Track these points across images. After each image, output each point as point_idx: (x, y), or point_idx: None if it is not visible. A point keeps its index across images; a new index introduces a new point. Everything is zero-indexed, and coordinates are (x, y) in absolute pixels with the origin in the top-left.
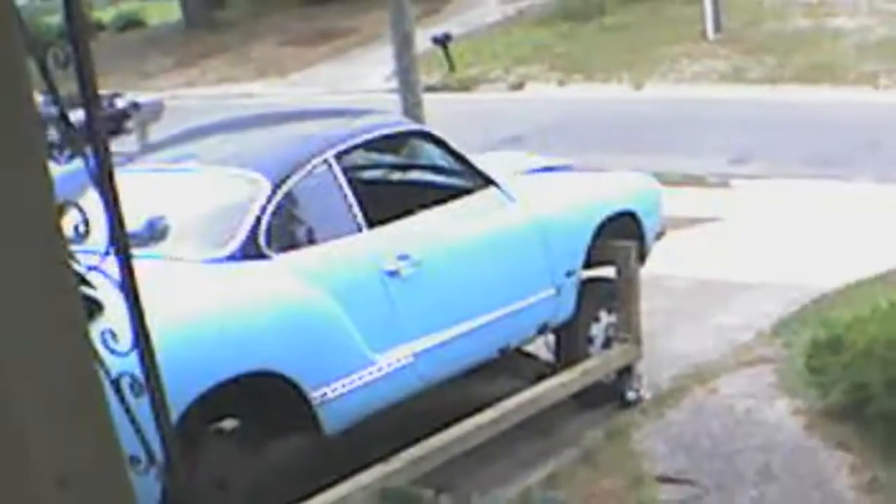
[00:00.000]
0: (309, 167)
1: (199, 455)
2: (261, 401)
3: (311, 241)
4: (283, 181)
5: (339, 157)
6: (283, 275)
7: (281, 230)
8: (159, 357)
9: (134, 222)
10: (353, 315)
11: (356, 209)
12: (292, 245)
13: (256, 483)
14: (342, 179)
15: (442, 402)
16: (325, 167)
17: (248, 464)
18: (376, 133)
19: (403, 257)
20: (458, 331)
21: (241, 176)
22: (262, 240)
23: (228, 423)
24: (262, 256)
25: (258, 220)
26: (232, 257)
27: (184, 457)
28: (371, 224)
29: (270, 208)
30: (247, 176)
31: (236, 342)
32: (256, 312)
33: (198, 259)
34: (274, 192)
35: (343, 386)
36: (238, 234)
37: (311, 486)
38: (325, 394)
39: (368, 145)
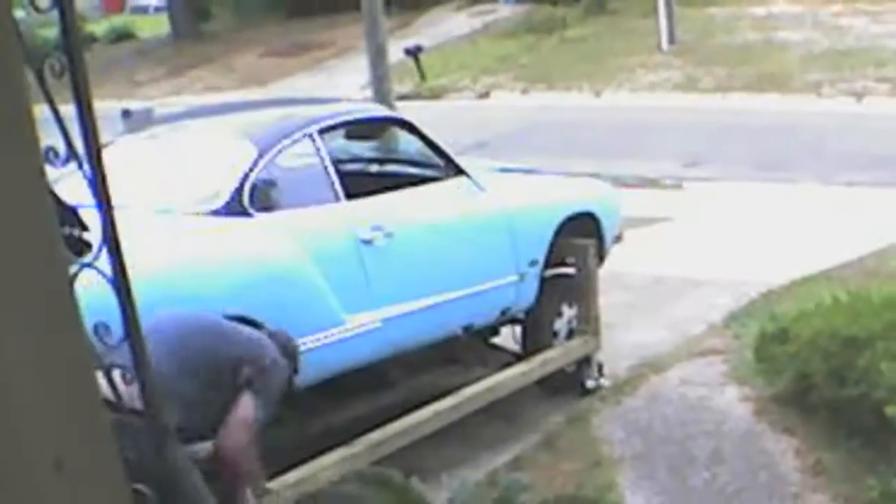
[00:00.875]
0: (294, 138)
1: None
2: None
3: (292, 204)
4: (269, 149)
5: (322, 132)
6: (262, 231)
7: (264, 192)
8: (150, 293)
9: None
10: (326, 275)
11: (335, 181)
12: (274, 206)
13: None
14: (324, 153)
15: (417, 389)
16: (308, 140)
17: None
18: (357, 116)
19: (377, 228)
20: (426, 303)
21: (231, 142)
22: (246, 199)
23: None
24: (245, 214)
25: (243, 181)
26: (218, 212)
27: None
28: (348, 196)
29: (256, 172)
30: (237, 143)
31: (215, 287)
32: (235, 262)
33: (189, 212)
34: (260, 156)
35: (314, 341)
36: (224, 193)
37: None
38: None
39: (349, 125)
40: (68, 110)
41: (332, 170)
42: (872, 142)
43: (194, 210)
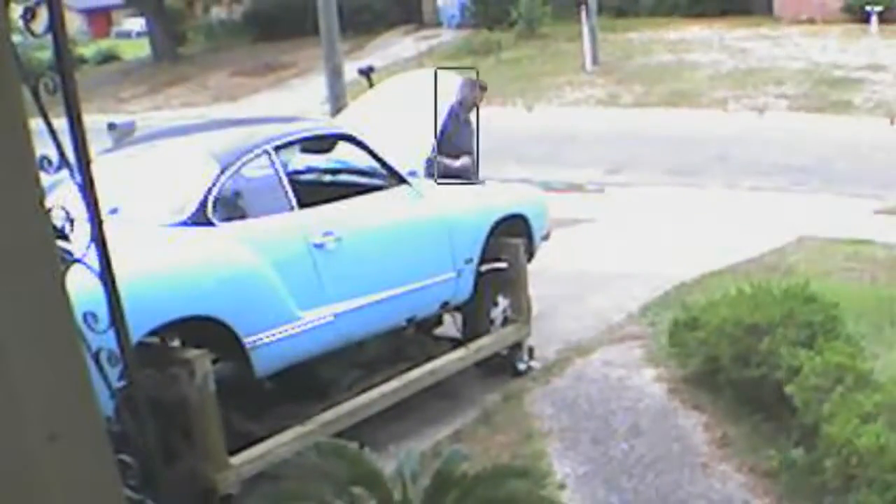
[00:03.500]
0: (252, 155)
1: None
2: (205, 342)
3: (251, 214)
4: (230, 165)
5: (277, 149)
6: (225, 240)
7: (226, 204)
8: (129, 297)
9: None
10: (283, 277)
11: (290, 192)
12: (235, 216)
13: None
14: (279, 167)
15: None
16: (265, 156)
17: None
18: (308, 133)
19: (328, 233)
20: (373, 299)
21: (196, 160)
22: (210, 211)
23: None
24: (209, 224)
25: (207, 194)
26: (185, 223)
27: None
28: (302, 206)
29: (218, 186)
30: (201, 160)
31: (182, 291)
32: (200, 268)
33: (159, 223)
34: (222, 172)
35: (272, 335)
36: (190, 205)
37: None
38: (256, 340)
39: (301, 142)
40: (60, 123)
41: (286, 182)
42: (773, 151)
43: (164, 221)
